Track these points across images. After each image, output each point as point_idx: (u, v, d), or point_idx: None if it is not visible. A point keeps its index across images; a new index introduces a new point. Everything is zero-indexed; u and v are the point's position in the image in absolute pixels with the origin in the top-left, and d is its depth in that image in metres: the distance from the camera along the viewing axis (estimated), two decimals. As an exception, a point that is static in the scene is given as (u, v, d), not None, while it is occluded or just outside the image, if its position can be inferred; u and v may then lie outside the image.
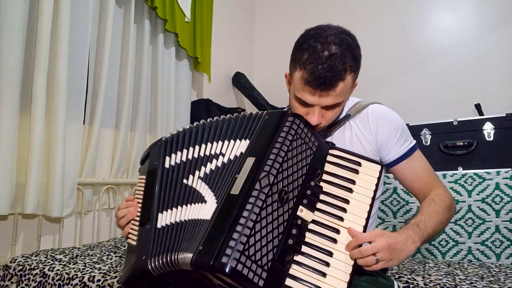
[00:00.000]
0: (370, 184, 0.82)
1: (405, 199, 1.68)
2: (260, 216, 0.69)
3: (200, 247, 0.68)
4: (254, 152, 0.79)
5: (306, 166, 0.80)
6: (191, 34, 2.23)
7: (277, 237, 0.70)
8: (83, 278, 1.11)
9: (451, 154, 1.94)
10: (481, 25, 2.39)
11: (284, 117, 0.84)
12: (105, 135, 1.78)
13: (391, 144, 0.98)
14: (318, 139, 0.86)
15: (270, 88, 2.94)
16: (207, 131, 0.92)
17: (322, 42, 0.84)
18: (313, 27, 0.91)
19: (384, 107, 1.03)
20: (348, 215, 0.78)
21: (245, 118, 0.90)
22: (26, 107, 1.40)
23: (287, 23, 3.07)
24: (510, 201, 1.53)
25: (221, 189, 0.78)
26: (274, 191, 0.72)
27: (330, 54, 0.83)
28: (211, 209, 0.75)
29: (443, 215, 0.89)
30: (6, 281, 1.23)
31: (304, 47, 0.86)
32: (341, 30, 0.88)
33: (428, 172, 1.00)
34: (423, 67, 2.52)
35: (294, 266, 0.71)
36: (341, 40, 0.85)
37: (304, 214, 0.75)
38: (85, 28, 1.62)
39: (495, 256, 1.51)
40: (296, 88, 0.89)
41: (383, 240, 0.73)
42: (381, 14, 2.67)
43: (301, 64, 0.85)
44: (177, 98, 2.21)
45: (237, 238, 0.65)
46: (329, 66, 0.82)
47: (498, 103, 2.24)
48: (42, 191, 1.41)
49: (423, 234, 0.81)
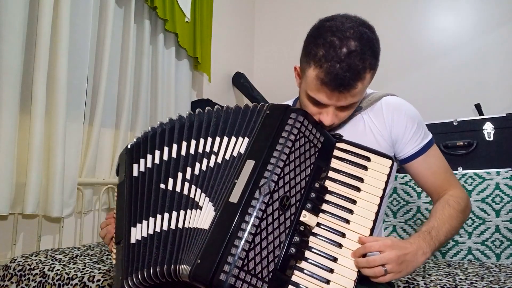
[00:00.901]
0: (380, 182, 0.76)
1: (405, 199, 1.68)
2: (260, 227, 0.65)
3: (198, 260, 0.65)
4: (254, 154, 0.73)
5: (310, 166, 0.75)
6: (191, 34, 2.23)
7: (279, 246, 0.67)
8: (83, 278, 1.11)
9: (451, 154, 1.94)
10: (481, 25, 2.39)
11: (286, 113, 0.77)
12: (105, 135, 1.78)
13: (407, 138, 0.91)
14: (323, 134, 0.80)
15: (270, 88, 2.94)
16: (187, 126, 0.83)
17: (340, 37, 0.75)
18: (328, 17, 0.83)
19: (399, 98, 0.96)
20: (355, 217, 0.73)
21: (242, 111, 0.81)
22: (26, 107, 1.40)
23: (287, 23, 3.07)
24: (510, 201, 1.53)
25: (219, 195, 0.72)
26: (275, 199, 0.68)
27: (349, 51, 0.74)
28: (209, 217, 0.70)
29: (456, 219, 0.84)
30: (6, 281, 1.23)
31: (320, 42, 0.77)
32: (359, 22, 0.79)
33: (444, 170, 0.93)
34: (423, 67, 2.52)
35: (296, 273, 0.68)
36: (361, 34, 0.76)
37: (308, 219, 0.71)
38: (85, 28, 1.62)
39: (495, 256, 1.50)
40: (309, 86, 0.80)
41: (393, 252, 0.69)
42: (381, 14, 2.67)
43: (317, 61, 0.76)
44: (177, 98, 2.21)
45: (235, 254, 0.62)
46: (348, 65, 0.74)
47: (498, 103, 2.24)
48: (42, 191, 1.41)
49: (434, 244, 0.76)
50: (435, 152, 0.94)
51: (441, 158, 0.95)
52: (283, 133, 0.74)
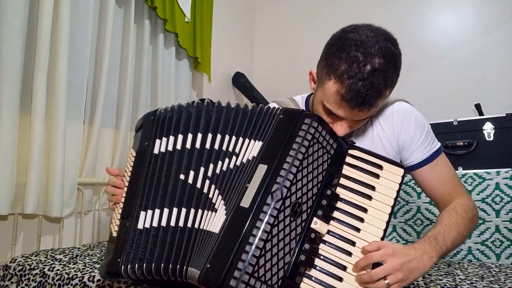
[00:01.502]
0: (391, 191, 0.76)
1: (405, 199, 1.68)
2: (271, 234, 0.65)
3: (208, 264, 0.64)
4: (267, 158, 0.72)
5: (322, 172, 0.74)
6: (191, 34, 2.23)
7: (289, 253, 0.66)
8: (83, 278, 1.11)
9: (451, 154, 1.94)
10: (481, 25, 2.39)
11: (300, 117, 0.75)
12: (105, 135, 1.78)
13: (415, 145, 0.91)
14: (336, 140, 0.79)
15: (270, 88, 2.94)
16: (215, 118, 0.80)
17: (365, 53, 0.73)
18: (351, 27, 0.79)
19: (410, 105, 0.95)
20: (365, 226, 0.72)
21: (257, 113, 0.80)
22: (26, 107, 1.40)
23: (287, 23, 3.07)
24: (510, 201, 1.53)
25: (231, 199, 0.71)
26: (287, 205, 0.67)
27: (373, 69, 0.72)
28: (220, 220, 0.69)
29: (464, 227, 0.82)
30: (6, 281, 1.23)
31: (343, 55, 0.74)
32: (384, 36, 0.77)
33: (452, 179, 0.92)
34: (423, 67, 2.52)
35: (306, 280, 0.68)
36: (386, 51, 0.74)
37: (319, 226, 0.70)
38: (85, 28, 1.62)
39: (495, 256, 1.50)
40: (328, 98, 0.78)
41: (395, 261, 0.67)
42: (381, 14, 2.67)
43: (338, 76, 0.74)
44: (177, 98, 2.20)
45: (246, 259, 0.62)
46: (371, 83, 0.72)
47: (498, 103, 2.24)
48: (42, 191, 1.41)
49: (441, 249, 0.74)
50: (443, 161, 0.93)
51: (449, 167, 0.93)
52: (297, 139, 0.73)
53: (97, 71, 1.72)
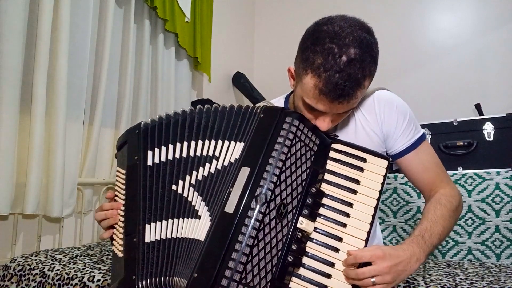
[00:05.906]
0: (376, 184, 0.75)
1: (405, 199, 1.68)
2: (257, 238, 0.64)
3: (195, 274, 0.63)
4: (249, 161, 0.71)
5: (306, 170, 0.73)
6: (191, 34, 2.23)
7: (276, 255, 0.66)
8: (83, 278, 1.11)
9: (451, 154, 1.94)
10: (481, 25, 2.39)
11: (281, 116, 0.75)
12: (105, 135, 1.78)
13: (398, 133, 0.90)
14: (318, 136, 0.78)
15: (270, 88, 2.94)
16: (197, 124, 0.79)
17: (340, 44, 0.71)
18: (324, 19, 0.78)
19: (390, 93, 0.94)
20: (351, 220, 0.72)
21: (235, 112, 0.79)
22: (26, 107, 1.40)
23: (287, 23, 3.07)
24: (510, 201, 1.53)
25: (215, 204, 0.70)
26: (272, 208, 0.66)
27: (349, 60, 0.71)
28: (205, 227, 0.68)
29: (449, 219, 0.82)
30: (6, 281, 1.23)
31: (318, 49, 0.73)
32: (359, 25, 0.75)
33: (436, 166, 0.92)
34: (423, 67, 2.52)
35: (295, 280, 0.67)
36: (361, 40, 0.72)
37: (305, 225, 0.69)
38: (85, 28, 1.62)
39: (495, 256, 1.51)
40: (307, 94, 0.77)
41: (384, 263, 0.67)
42: (380, 14, 2.67)
43: (314, 70, 0.73)
44: (177, 98, 2.20)
45: (233, 267, 0.61)
46: (348, 75, 0.71)
47: (498, 103, 2.24)
48: (42, 191, 1.41)
49: (428, 248, 0.75)
50: (427, 148, 0.93)
51: (433, 154, 0.93)
52: (279, 138, 0.71)
53: (97, 71, 1.72)
